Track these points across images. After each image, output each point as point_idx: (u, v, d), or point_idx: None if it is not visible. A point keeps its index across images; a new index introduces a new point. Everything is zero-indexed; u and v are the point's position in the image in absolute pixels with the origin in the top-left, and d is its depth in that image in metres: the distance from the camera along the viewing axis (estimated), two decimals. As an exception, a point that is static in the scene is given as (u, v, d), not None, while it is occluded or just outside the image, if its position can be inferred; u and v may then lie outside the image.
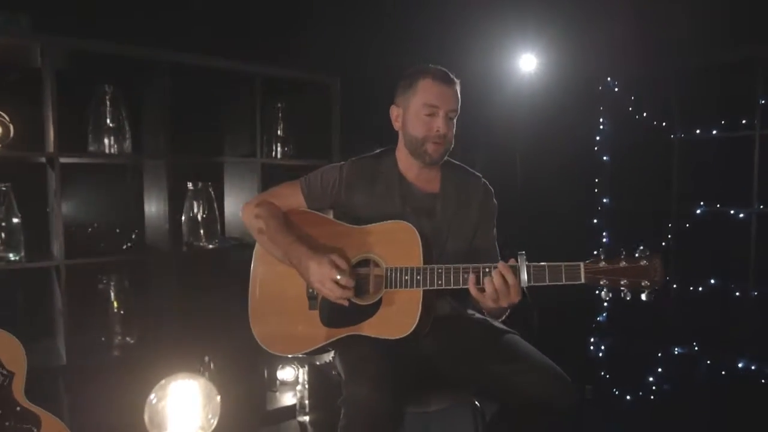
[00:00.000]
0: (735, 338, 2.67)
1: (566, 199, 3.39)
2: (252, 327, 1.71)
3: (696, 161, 2.86)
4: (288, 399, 2.59)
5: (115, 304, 2.24)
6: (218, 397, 0.98)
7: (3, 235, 2.01)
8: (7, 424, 1.41)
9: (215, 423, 0.96)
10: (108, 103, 2.22)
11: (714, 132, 2.79)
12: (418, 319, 1.50)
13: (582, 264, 1.38)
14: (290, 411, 2.50)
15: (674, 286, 2.90)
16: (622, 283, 1.35)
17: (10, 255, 2.01)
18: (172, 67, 2.24)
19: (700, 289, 2.80)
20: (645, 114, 3.01)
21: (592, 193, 3.22)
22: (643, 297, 1.35)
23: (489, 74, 3.59)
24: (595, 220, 3.21)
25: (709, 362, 2.74)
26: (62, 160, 2.04)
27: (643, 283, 1.34)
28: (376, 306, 1.56)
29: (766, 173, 2.61)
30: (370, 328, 1.55)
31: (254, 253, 1.77)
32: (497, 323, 1.73)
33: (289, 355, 1.70)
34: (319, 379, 2.18)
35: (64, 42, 2.02)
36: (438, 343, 1.64)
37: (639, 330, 3.00)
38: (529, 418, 1.50)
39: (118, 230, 2.34)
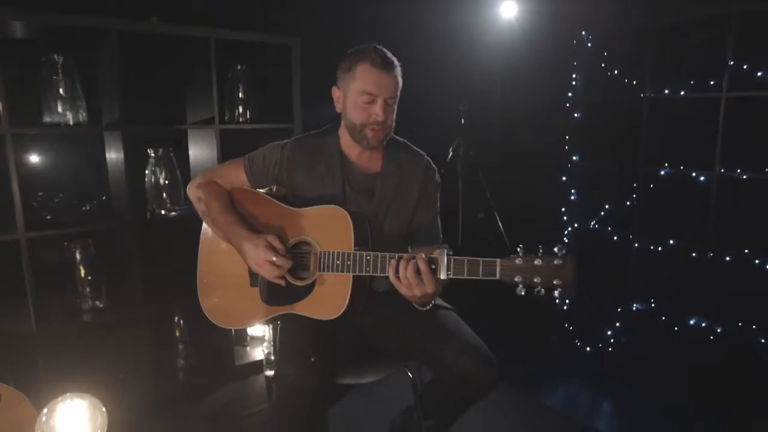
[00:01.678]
0: (689, 297, 2.75)
1: (539, 154, 3.40)
2: (200, 300, 1.79)
3: (664, 122, 2.83)
4: (258, 354, 2.73)
5: (82, 270, 2.33)
6: (104, 412, 1.07)
7: (-36, 208, 2.08)
8: (-35, 399, 1.52)
9: None
10: (60, 73, 2.21)
11: (682, 93, 2.74)
12: (347, 302, 1.57)
13: (498, 261, 1.41)
14: (258, 366, 2.65)
15: (636, 245, 2.96)
16: (535, 281, 1.37)
17: (-27, 228, 2.09)
18: (122, 35, 2.20)
19: (660, 248, 2.85)
20: (616, 72, 2.95)
21: (563, 150, 3.22)
22: (556, 295, 1.36)
23: (470, 21, 3.50)
24: (564, 177, 3.22)
25: (663, 318, 2.84)
26: (14, 131, 2.07)
27: (555, 282, 1.36)
28: (310, 287, 1.63)
29: (730, 136, 2.59)
30: (303, 308, 1.63)
31: (202, 229, 1.82)
32: (437, 299, 1.81)
33: (233, 328, 1.78)
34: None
35: (11, 13, 1.99)
36: (375, 318, 1.72)
37: (601, 286, 3.10)
38: (457, 390, 1.61)
39: (80, 199, 2.39)
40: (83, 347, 2.26)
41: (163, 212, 2.46)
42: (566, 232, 3.25)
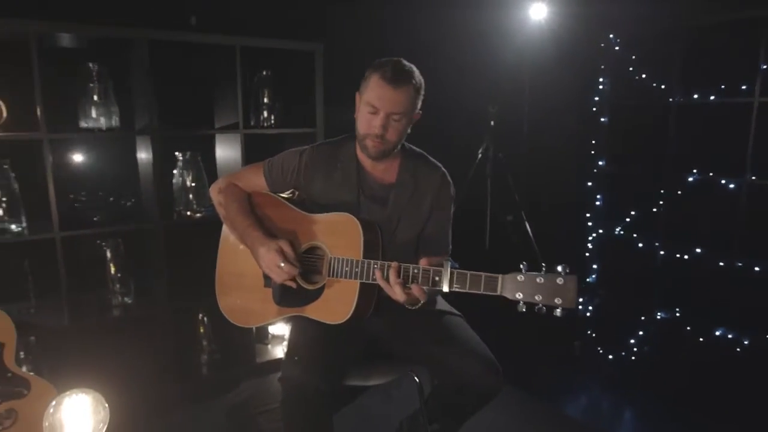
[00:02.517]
0: (715, 307, 2.68)
1: (565, 158, 3.36)
2: (217, 297, 1.87)
3: (693, 126, 2.76)
4: (278, 352, 2.81)
5: (113, 268, 2.46)
6: (107, 407, 1.15)
7: (5, 208, 2.22)
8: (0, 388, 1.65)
9: (104, 429, 1.13)
10: (95, 80, 2.34)
11: (712, 97, 2.66)
12: (353, 308, 1.61)
13: (500, 277, 1.41)
14: (277, 364, 2.72)
15: (661, 252, 2.90)
16: (536, 298, 1.37)
17: (12, 227, 2.22)
18: (151, 44, 2.31)
19: (686, 257, 2.78)
20: (644, 75, 2.89)
21: (589, 155, 3.17)
22: (557, 314, 1.36)
23: (500, 23, 3.49)
24: (589, 183, 3.18)
25: (689, 328, 2.77)
26: (52, 136, 2.19)
27: (556, 300, 1.36)
28: (319, 291, 1.67)
29: (762, 143, 2.50)
30: (312, 311, 1.68)
31: (222, 229, 1.89)
32: (445, 305, 1.83)
33: (246, 326, 1.85)
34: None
35: (51, 26, 2.12)
36: (383, 322, 1.75)
37: (625, 293, 3.04)
38: (460, 396, 1.63)
39: (112, 200, 2.51)
40: (112, 341, 2.38)
41: (189, 213, 2.56)
42: (591, 238, 3.20)
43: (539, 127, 3.63)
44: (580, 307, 3.24)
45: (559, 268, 1.37)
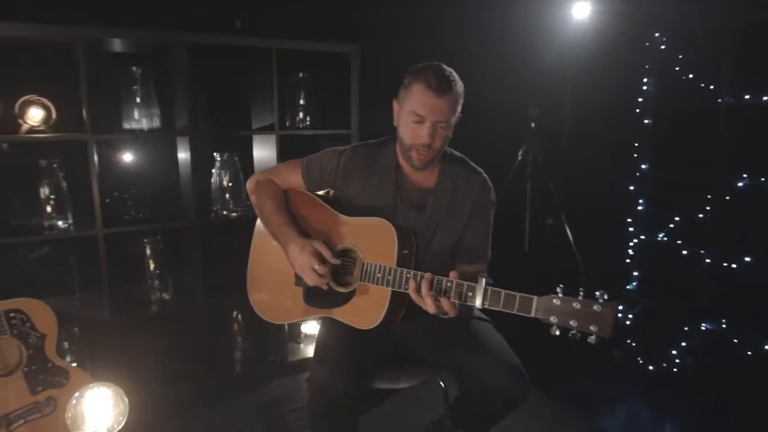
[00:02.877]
0: (765, 319, 2.54)
1: (607, 161, 3.27)
2: (248, 292, 1.89)
3: (743, 129, 2.62)
4: (310, 351, 2.84)
5: (152, 265, 2.54)
6: (126, 401, 1.18)
7: (53, 206, 2.32)
8: (40, 377, 1.72)
9: (123, 421, 1.17)
10: (138, 83, 2.42)
11: (765, 98, 2.53)
12: (383, 315, 1.59)
13: (535, 298, 1.37)
14: (308, 363, 2.75)
15: (707, 261, 2.77)
16: (571, 323, 1.32)
17: (59, 223, 2.33)
18: (191, 48, 2.38)
19: (734, 265, 2.65)
20: (691, 75, 2.77)
21: (631, 158, 3.07)
22: (591, 341, 1.32)
23: (542, 22, 3.43)
24: (631, 187, 3.07)
25: (735, 341, 2.65)
26: (97, 137, 2.28)
27: (592, 328, 1.31)
28: (350, 295, 1.66)
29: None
30: (341, 314, 1.67)
31: (256, 224, 1.91)
32: (474, 310, 1.80)
33: (277, 323, 1.87)
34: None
35: (97, 32, 2.20)
36: (412, 326, 1.73)
37: (668, 302, 2.93)
38: (485, 402, 1.60)
39: (152, 199, 2.60)
40: (150, 335, 2.45)
41: (225, 213, 2.61)
42: (631, 244, 3.10)
43: (580, 129, 3.55)
44: (620, 315, 3.14)
45: (597, 294, 1.32)
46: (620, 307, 3.14)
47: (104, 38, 2.26)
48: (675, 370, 2.84)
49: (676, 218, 2.92)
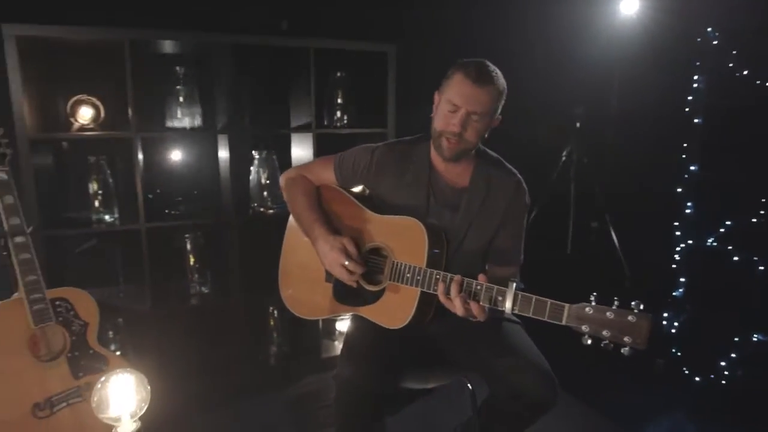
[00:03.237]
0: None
1: (654, 162, 3.14)
2: (280, 289, 1.91)
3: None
4: (344, 348, 2.85)
5: (192, 259, 2.61)
6: (149, 388, 1.22)
7: (101, 200, 2.43)
8: (82, 363, 1.80)
9: (145, 407, 1.21)
10: (182, 83, 2.50)
11: (826, 96, 2.38)
12: (411, 316, 1.58)
13: (567, 306, 1.34)
14: (342, 360, 2.77)
15: (761, 267, 2.62)
16: (604, 333, 1.28)
17: (106, 217, 2.43)
18: (232, 48, 2.44)
19: (790, 274, 2.50)
20: (746, 72, 2.63)
21: (679, 158, 2.94)
22: (624, 352, 1.27)
23: (588, 19, 3.35)
24: (679, 189, 2.94)
25: (791, 354, 2.50)
26: (142, 135, 2.37)
27: (626, 339, 1.26)
28: (380, 294, 1.66)
29: None
30: (369, 312, 1.67)
31: (288, 221, 1.93)
32: (506, 313, 1.77)
33: (306, 318, 1.88)
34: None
35: (142, 33, 2.29)
36: (442, 326, 1.71)
37: (717, 310, 2.79)
38: (511, 405, 1.56)
39: (193, 195, 2.67)
40: (188, 327, 2.53)
41: (263, 210, 2.66)
42: (678, 249, 2.96)
43: (626, 128, 3.43)
44: (664, 322, 3.01)
45: (633, 304, 1.28)
46: (665, 314, 3.01)
47: (149, 39, 2.34)
48: (723, 382, 2.70)
49: (727, 222, 2.77)
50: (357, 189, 1.86)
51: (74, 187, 2.48)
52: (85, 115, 2.37)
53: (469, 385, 1.73)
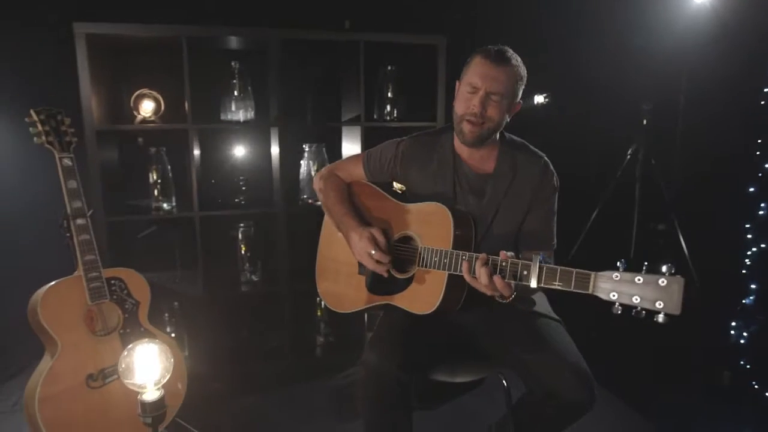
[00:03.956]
0: None
1: (725, 159, 2.94)
2: (317, 283, 1.97)
3: None
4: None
5: (243, 248, 2.70)
6: (172, 359, 1.26)
7: (159, 189, 2.56)
8: (133, 340, 1.87)
9: (168, 377, 1.26)
10: (236, 78, 2.59)
11: None
12: (440, 299, 1.58)
13: (593, 274, 1.28)
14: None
15: (843, 275, 2.39)
16: (634, 300, 1.22)
17: (164, 205, 2.56)
18: (285, 43, 2.50)
19: None
20: (830, 61, 2.41)
21: (753, 157, 2.72)
22: (659, 319, 1.20)
23: (656, 8, 3.19)
24: (751, 189, 2.73)
25: None
26: (197, 127, 2.48)
27: (657, 305, 1.20)
28: (409, 281, 1.67)
29: None
30: (400, 300, 1.69)
31: (325, 216, 1.98)
32: (544, 308, 1.72)
33: (342, 312, 1.91)
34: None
35: (200, 31, 2.39)
36: (476, 318, 1.70)
37: (792, 321, 2.57)
38: (546, 405, 1.52)
39: (245, 186, 2.76)
40: (237, 313, 2.62)
41: (311, 201, 2.71)
42: (750, 253, 2.75)
43: (696, 124, 3.23)
44: (732, 332, 2.80)
45: (664, 268, 1.20)
46: (733, 323, 2.81)
47: (205, 36, 2.44)
48: (797, 398, 2.48)
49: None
50: (397, 187, 1.90)
51: (136, 176, 2.63)
52: (147, 108, 2.51)
53: (504, 381, 1.68)
